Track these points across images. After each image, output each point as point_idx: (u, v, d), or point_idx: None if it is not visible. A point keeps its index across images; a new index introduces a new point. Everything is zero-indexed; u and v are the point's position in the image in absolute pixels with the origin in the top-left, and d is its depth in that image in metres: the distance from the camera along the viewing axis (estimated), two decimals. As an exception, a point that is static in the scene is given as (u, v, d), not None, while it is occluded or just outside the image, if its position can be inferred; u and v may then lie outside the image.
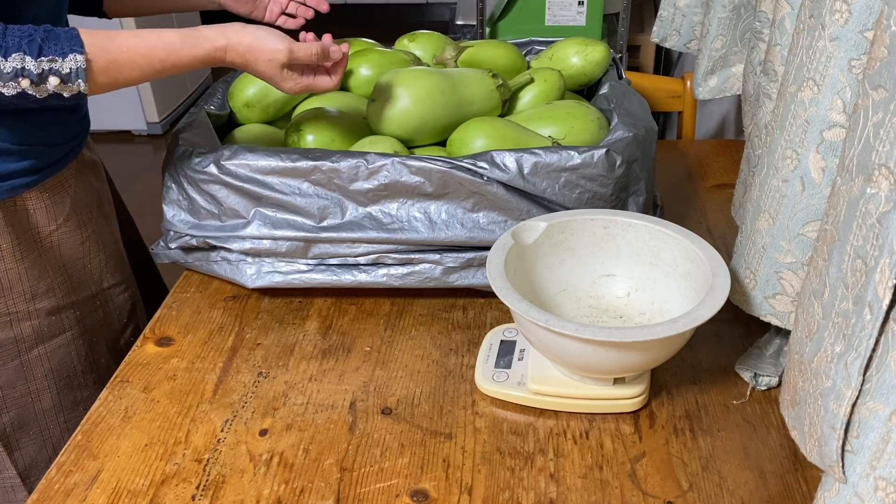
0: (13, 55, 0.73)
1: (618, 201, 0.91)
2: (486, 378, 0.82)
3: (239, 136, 1.05)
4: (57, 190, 0.92)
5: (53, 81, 0.74)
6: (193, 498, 0.71)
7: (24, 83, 0.74)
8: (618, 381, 0.78)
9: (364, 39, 1.20)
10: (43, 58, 0.74)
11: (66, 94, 0.76)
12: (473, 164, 0.88)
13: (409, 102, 0.97)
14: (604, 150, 0.88)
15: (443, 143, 1.02)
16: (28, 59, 0.73)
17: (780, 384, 0.81)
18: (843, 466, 0.53)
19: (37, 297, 0.92)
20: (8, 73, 0.73)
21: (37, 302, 0.92)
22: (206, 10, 1.12)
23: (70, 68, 0.75)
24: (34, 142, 0.88)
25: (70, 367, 0.97)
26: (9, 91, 0.74)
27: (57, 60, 0.74)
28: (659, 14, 1.32)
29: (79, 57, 0.75)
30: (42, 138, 0.89)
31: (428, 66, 1.16)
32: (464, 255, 0.92)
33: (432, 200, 0.90)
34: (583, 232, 0.86)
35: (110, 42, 0.78)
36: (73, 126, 0.95)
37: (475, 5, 2.19)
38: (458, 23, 2.34)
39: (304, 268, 0.95)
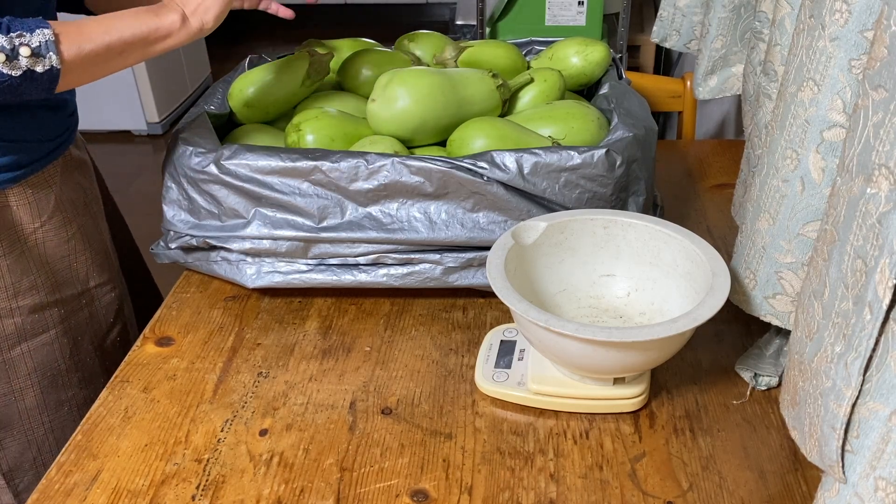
0: None
1: (618, 201, 0.91)
2: (486, 378, 0.82)
3: (239, 136, 1.05)
4: (41, 187, 0.92)
5: (25, 52, 0.75)
6: (193, 498, 0.71)
7: None
8: (618, 381, 0.78)
9: (364, 39, 1.20)
10: (12, 33, 0.75)
11: (39, 70, 0.76)
12: (473, 164, 0.88)
13: (409, 102, 0.97)
14: (604, 150, 0.88)
15: (443, 143, 1.02)
16: None
17: (780, 384, 0.81)
18: (843, 466, 0.53)
19: (19, 294, 0.91)
20: None
21: (19, 299, 0.91)
22: None
23: (39, 41, 0.76)
24: (17, 137, 0.88)
25: (54, 365, 0.96)
26: None
27: (25, 35, 0.75)
28: (659, 14, 1.32)
29: (46, 31, 0.77)
30: (25, 134, 0.89)
31: (428, 66, 1.16)
32: (464, 255, 0.92)
33: (432, 200, 0.90)
34: (583, 232, 0.86)
35: (71, 21, 0.81)
36: (58, 123, 0.94)
37: (475, 5, 2.19)
38: (458, 23, 2.34)
39: (304, 268, 0.95)
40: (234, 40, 4.26)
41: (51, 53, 0.76)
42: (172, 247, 0.98)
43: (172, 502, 0.71)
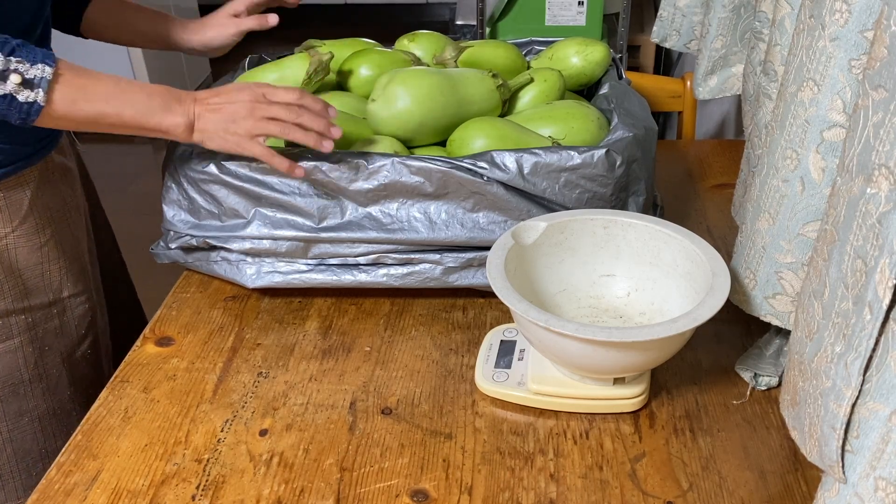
0: None
1: (618, 201, 0.91)
2: (486, 378, 0.82)
3: (239, 136, 1.05)
4: (15, 191, 0.90)
5: (14, 79, 0.74)
6: (193, 498, 0.71)
7: None
8: (618, 381, 0.78)
9: (364, 39, 1.20)
10: (12, 57, 0.74)
11: (20, 99, 0.76)
12: (473, 164, 0.88)
13: (409, 102, 0.97)
14: (604, 150, 0.88)
15: (443, 143, 1.02)
16: None
17: (780, 384, 0.81)
18: (843, 466, 0.53)
19: None
20: None
21: None
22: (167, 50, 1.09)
23: (35, 75, 0.76)
24: None
25: (16, 374, 0.93)
26: None
27: (25, 63, 0.75)
28: (659, 14, 1.32)
29: (48, 69, 0.76)
30: (3, 137, 0.87)
31: (428, 66, 1.16)
32: (464, 255, 0.92)
33: (432, 200, 0.90)
34: (583, 232, 0.86)
35: (84, 69, 0.80)
36: (38, 129, 0.90)
37: (475, 5, 2.19)
38: (458, 23, 2.33)
39: (304, 268, 0.95)
40: (234, 40, 4.25)
41: (40, 90, 0.76)
42: (172, 247, 0.98)
43: (172, 502, 0.71)
